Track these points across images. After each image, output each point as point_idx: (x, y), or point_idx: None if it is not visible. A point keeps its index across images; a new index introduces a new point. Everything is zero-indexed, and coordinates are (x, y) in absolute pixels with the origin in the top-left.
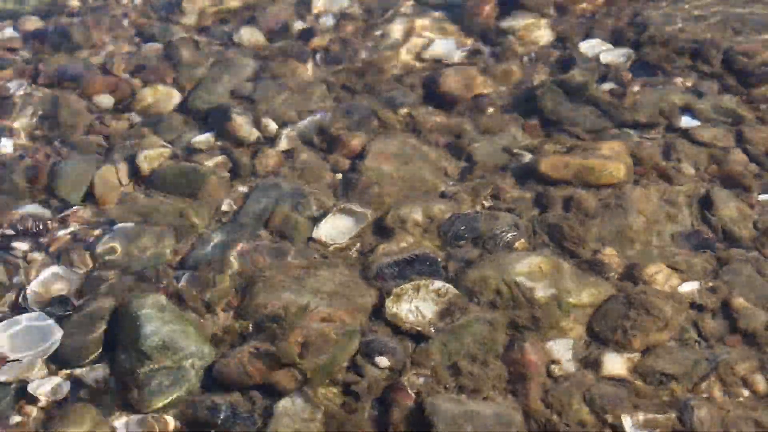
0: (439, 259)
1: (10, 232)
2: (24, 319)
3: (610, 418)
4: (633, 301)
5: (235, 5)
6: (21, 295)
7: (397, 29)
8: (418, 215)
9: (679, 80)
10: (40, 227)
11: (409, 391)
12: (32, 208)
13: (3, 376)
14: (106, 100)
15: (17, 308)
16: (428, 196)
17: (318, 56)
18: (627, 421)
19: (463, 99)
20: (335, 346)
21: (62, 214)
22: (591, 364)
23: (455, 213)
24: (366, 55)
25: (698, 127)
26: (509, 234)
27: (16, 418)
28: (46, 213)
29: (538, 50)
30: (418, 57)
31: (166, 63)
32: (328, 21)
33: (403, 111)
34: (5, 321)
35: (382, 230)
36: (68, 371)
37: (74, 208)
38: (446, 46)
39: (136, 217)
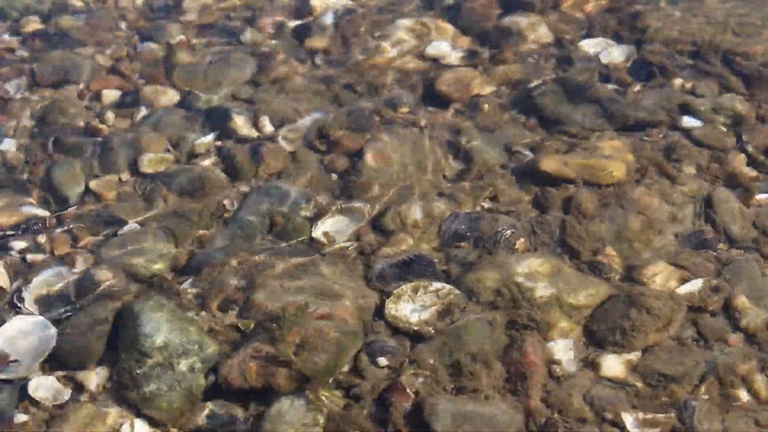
0: (437, 260)
1: (10, 232)
2: (22, 321)
3: (610, 417)
4: (633, 301)
5: (234, 2)
6: (18, 296)
7: (397, 29)
8: (417, 215)
9: (679, 80)
10: (40, 227)
11: (409, 391)
12: (32, 207)
13: (4, 375)
14: (106, 99)
15: (15, 309)
16: (428, 196)
17: (318, 56)
18: (628, 419)
19: (462, 99)
20: (337, 347)
21: (60, 212)
22: (591, 364)
23: (454, 213)
24: (366, 55)
25: (699, 127)
26: (509, 233)
27: (18, 418)
28: (46, 212)
29: (538, 49)
30: (418, 57)
31: (164, 62)
32: (327, 20)
33: (403, 111)
34: (5, 323)
35: (381, 230)
36: (69, 372)
37: (73, 207)
38: (446, 45)
39: (136, 217)
